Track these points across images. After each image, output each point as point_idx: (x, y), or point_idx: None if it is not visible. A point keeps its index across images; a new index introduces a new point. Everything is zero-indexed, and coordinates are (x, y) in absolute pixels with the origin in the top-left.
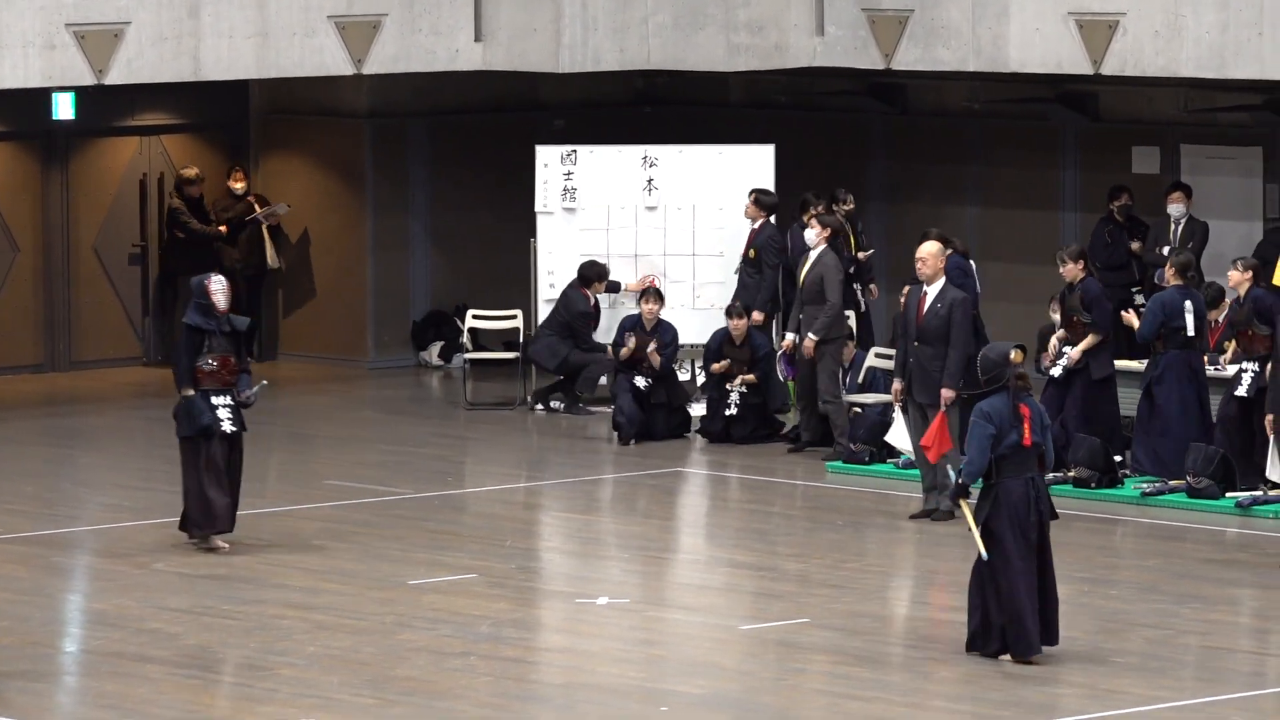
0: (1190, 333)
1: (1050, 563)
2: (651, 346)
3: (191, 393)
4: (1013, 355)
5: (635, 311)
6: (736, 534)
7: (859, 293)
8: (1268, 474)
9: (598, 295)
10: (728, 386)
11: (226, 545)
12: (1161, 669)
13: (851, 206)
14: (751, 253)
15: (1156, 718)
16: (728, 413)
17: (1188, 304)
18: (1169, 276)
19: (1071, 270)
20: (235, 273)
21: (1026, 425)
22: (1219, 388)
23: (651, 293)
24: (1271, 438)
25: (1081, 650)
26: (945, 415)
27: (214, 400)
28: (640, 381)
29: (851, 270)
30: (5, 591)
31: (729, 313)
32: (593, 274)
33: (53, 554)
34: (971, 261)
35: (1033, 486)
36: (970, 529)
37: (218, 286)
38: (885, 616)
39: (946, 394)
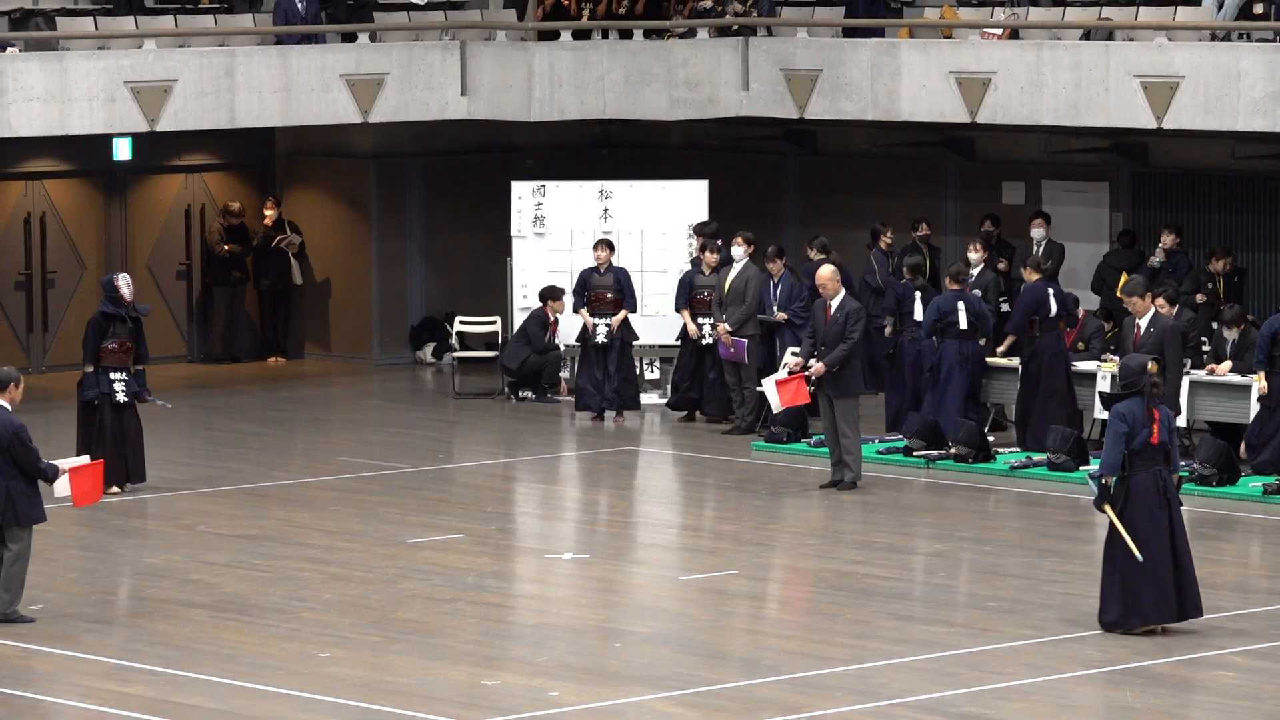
0: (963, 326)
1: (1185, 545)
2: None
3: (91, 369)
4: (1149, 366)
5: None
6: (678, 501)
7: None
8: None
9: (557, 313)
10: (700, 320)
11: (117, 490)
12: (1028, 611)
13: (927, 232)
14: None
15: (1025, 651)
16: (705, 342)
17: (960, 304)
18: (946, 283)
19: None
20: (262, 289)
21: (1156, 426)
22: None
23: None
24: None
25: (962, 596)
26: (804, 380)
27: (112, 375)
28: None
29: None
30: (73, 549)
31: (704, 248)
32: (548, 294)
33: (112, 518)
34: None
35: (1159, 478)
36: (1122, 534)
37: (123, 282)
38: (800, 569)
39: (818, 367)
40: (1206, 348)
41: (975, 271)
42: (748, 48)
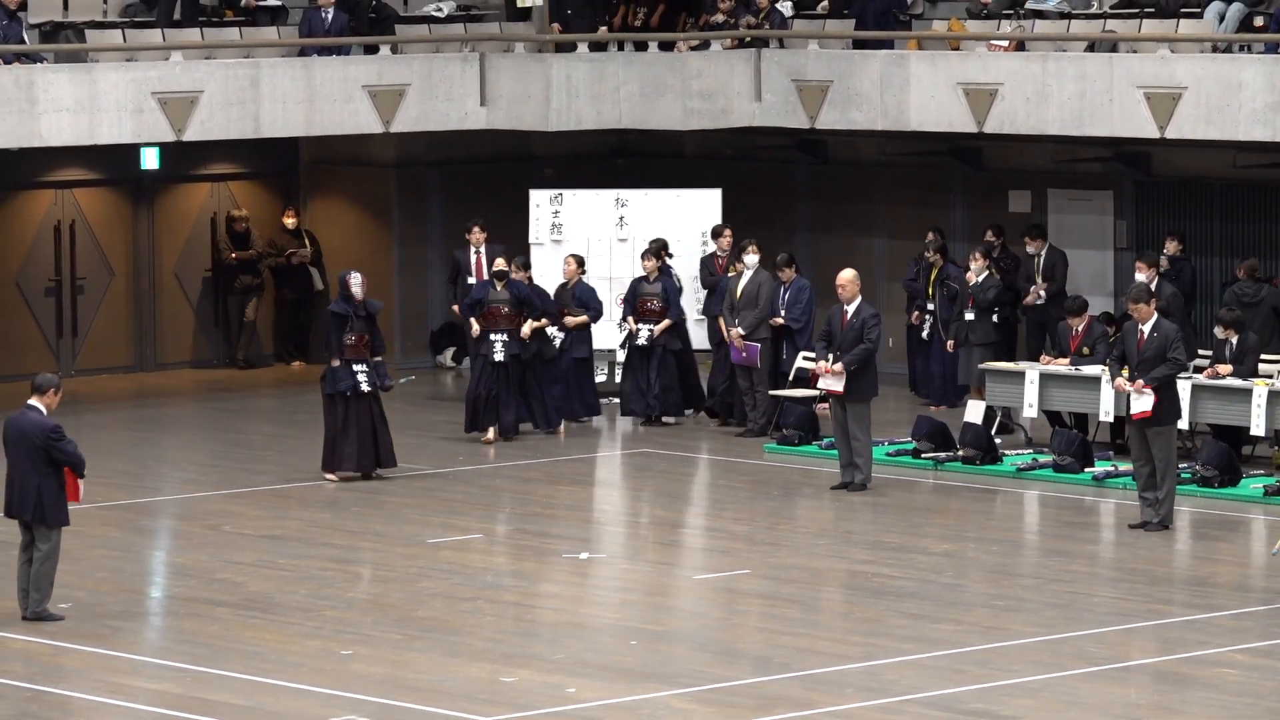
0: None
1: None
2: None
3: (338, 363)
4: None
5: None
6: (691, 501)
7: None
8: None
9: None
10: (639, 326)
11: (335, 478)
12: (1035, 609)
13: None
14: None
15: (1032, 649)
16: (640, 342)
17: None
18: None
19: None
20: (285, 297)
21: None
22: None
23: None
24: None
25: (970, 595)
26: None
27: (355, 368)
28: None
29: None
30: (102, 549)
31: (645, 255)
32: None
33: (140, 519)
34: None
35: None
36: None
37: (355, 281)
38: (811, 568)
39: (837, 367)
40: (1208, 353)
41: (981, 278)
42: (760, 59)
